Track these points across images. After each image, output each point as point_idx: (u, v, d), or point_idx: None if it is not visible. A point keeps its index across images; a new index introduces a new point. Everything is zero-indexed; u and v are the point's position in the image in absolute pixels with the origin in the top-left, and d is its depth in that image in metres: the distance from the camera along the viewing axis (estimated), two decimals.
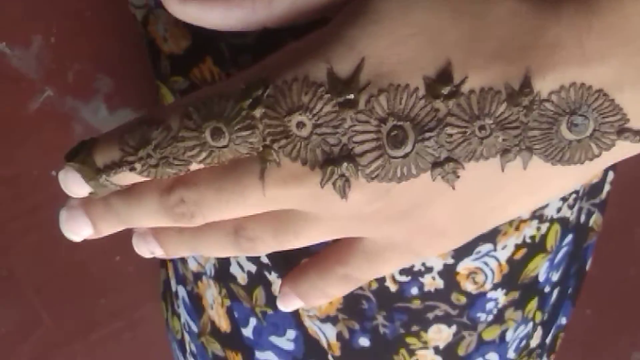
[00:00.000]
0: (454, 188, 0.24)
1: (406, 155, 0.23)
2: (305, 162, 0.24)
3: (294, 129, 0.23)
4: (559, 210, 0.36)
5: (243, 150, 0.24)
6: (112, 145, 0.25)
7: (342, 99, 0.23)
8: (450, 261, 0.34)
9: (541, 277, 0.37)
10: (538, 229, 0.35)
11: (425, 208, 0.24)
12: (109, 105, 0.59)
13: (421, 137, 0.23)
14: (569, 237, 0.38)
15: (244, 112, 0.24)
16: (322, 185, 0.24)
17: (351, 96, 0.23)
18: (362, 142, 0.23)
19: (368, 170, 0.23)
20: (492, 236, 0.34)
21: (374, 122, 0.23)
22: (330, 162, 0.23)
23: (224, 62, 0.33)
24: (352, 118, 0.23)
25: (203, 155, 0.24)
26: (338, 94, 0.23)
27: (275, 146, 0.24)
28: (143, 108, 0.59)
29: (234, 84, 0.24)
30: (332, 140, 0.23)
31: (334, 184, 0.24)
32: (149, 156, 0.25)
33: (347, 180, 0.24)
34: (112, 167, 0.25)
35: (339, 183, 0.24)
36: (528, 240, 0.35)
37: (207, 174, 0.25)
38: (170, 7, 0.26)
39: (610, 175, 0.40)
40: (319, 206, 0.25)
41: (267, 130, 0.24)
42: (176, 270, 0.43)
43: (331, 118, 0.23)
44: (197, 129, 0.24)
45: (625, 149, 0.24)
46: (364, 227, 0.25)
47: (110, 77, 0.58)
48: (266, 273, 0.36)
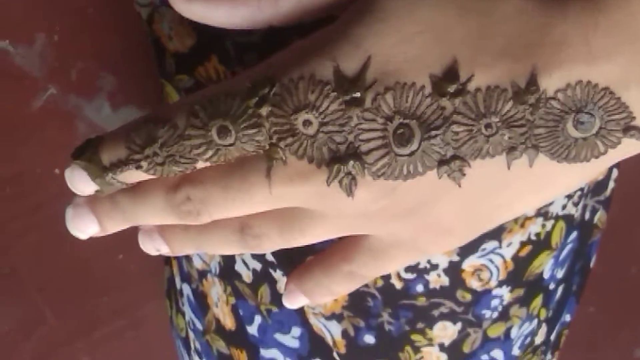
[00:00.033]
0: (460, 186, 0.24)
1: (412, 153, 0.23)
2: (311, 160, 0.24)
3: (300, 127, 0.23)
4: (564, 207, 0.36)
5: (249, 149, 0.24)
6: (118, 143, 0.25)
7: (348, 97, 0.23)
8: (456, 258, 0.34)
9: (546, 274, 0.37)
10: (543, 226, 0.35)
11: (432, 206, 0.25)
12: (112, 103, 0.59)
13: (427, 135, 0.23)
14: (574, 234, 0.38)
15: (251, 111, 0.24)
16: (328, 183, 0.24)
17: (357, 94, 0.23)
18: (369, 140, 0.23)
19: (374, 168, 0.23)
20: (497, 233, 0.34)
21: (380, 120, 0.23)
22: (337, 160, 0.23)
23: (230, 61, 0.33)
24: (358, 116, 0.23)
25: (209, 153, 0.24)
26: (344, 92, 0.23)
27: (282, 144, 0.24)
28: (146, 106, 0.59)
29: (240, 82, 0.24)
30: (338, 138, 0.23)
31: (340, 182, 0.24)
32: (155, 154, 0.25)
33: (353, 178, 0.24)
34: (119, 165, 0.25)
35: (345, 181, 0.24)
36: (533, 238, 0.35)
37: (213, 171, 0.25)
38: (176, 5, 0.26)
39: (615, 172, 0.40)
40: (325, 204, 0.25)
41: (273, 129, 0.24)
42: (181, 267, 0.43)
43: (337, 116, 0.23)
44: (204, 127, 0.24)
45: (630, 147, 0.24)
46: (369, 224, 0.25)
47: (113, 75, 0.58)
48: (271, 271, 0.36)
